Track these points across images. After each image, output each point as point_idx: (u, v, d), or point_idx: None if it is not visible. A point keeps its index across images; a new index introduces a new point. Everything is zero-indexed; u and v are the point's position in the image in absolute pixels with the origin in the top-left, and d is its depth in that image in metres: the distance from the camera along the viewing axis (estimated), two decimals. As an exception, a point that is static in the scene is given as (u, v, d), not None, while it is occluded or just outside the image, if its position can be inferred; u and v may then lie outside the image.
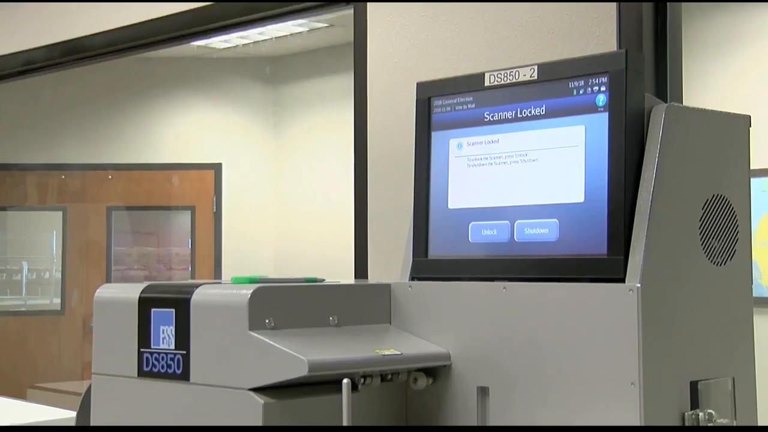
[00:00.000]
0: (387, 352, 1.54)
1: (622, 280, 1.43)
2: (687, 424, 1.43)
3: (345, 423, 1.40)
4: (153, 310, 1.63)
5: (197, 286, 1.60)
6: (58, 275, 6.30)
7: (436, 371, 1.60)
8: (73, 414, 1.87)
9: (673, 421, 1.43)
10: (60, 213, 6.35)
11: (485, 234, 1.62)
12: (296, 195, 6.64)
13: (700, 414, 1.44)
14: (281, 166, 6.75)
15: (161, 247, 6.70)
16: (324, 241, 6.15)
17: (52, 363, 6.03)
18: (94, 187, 6.41)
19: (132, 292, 1.68)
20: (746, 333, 1.58)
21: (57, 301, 6.28)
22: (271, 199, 6.74)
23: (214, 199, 6.55)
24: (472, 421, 1.55)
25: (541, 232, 1.55)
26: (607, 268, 1.45)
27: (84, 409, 1.81)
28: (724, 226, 1.56)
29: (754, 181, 1.65)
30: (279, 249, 6.65)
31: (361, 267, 2.51)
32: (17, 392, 3.49)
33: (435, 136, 1.70)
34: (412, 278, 1.69)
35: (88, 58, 3.51)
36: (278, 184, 6.76)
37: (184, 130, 6.62)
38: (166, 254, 6.69)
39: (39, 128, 6.25)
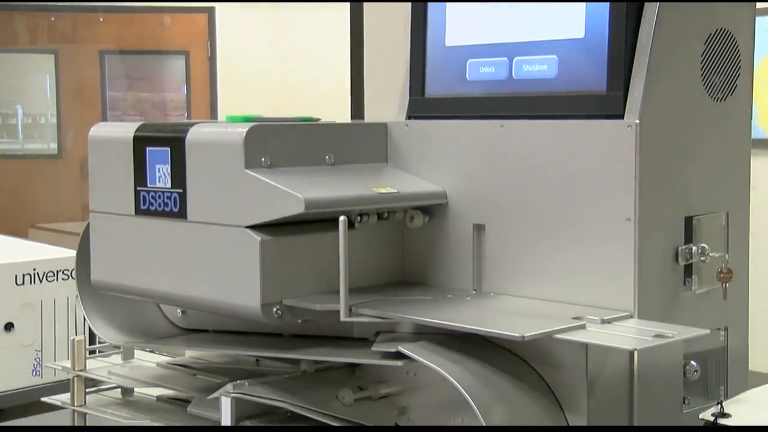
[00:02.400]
0: (383, 190, 1.55)
1: (621, 117, 1.41)
2: (680, 258, 1.45)
3: (342, 260, 1.42)
4: (148, 148, 1.63)
5: (192, 125, 1.59)
6: (54, 120, 6.27)
7: (432, 209, 1.60)
8: (73, 253, 1.89)
9: (667, 256, 1.44)
10: (52, 56, 6.26)
11: (483, 71, 1.59)
12: (292, 38, 6.53)
13: (693, 248, 1.45)
14: (275, 8, 6.61)
15: (155, 93, 6.64)
16: (320, 84, 6.09)
17: (51, 205, 6.07)
18: (84, 29, 6.28)
19: (126, 131, 1.67)
20: (743, 168, 1.58)
21: (54, 146, 6.26)
22: (267, 42, 6.64)
23: (208, 44, 6.44)
24: (468, 259, 1.56)
25: (540, 68, 1.52)
26: (606, 105, 1.44)
27: (83, 247, 1.83)
28: (726, 61, 1.53)
29: (758, 20, 1.61)
30: (275, 94, 6.60)
31: (357, 108, 2.49)
32: (18, 232, 3.51)
33: (433, -30, 1.65)
34: (409, 117, 1.67)
35: None
36: (273, 27, 6.64)
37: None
38: (161, 100, 6.64)
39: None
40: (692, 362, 1.47)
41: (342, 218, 1.42)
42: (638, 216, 1.38)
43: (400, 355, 1.44)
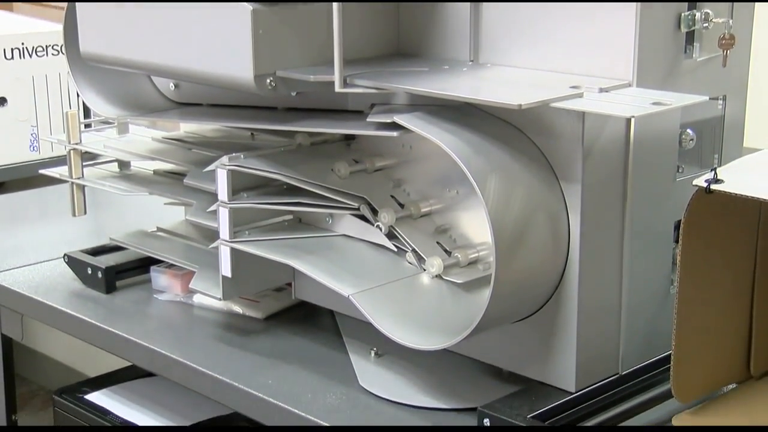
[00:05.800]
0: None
1: None
2: (682, 24, 1.41)
3: (335, 29, 1.39)
4: None
5: None
6: None
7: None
8: (60, 27, 1.84)
9: (668, 22, 1.40)
10: None
11: None
12: None
13: (696, 14, 1.41)
14: None
15: None
16: None
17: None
18: None
19: None
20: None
21: None
22: None
23: None
24: (465, 29, 1.52)
25: None
26: None
27: (71, 19, 1.79)
28: None
29: None
30: None
31: None
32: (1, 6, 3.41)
33: None
34: None
35: None
36: None
37: None
38: None
39: None
40: (688, 130, 1.47)
41: (335, -21, 1.37)
42: (640, -11, 1.33)
43: (395, 126, 1.44)
